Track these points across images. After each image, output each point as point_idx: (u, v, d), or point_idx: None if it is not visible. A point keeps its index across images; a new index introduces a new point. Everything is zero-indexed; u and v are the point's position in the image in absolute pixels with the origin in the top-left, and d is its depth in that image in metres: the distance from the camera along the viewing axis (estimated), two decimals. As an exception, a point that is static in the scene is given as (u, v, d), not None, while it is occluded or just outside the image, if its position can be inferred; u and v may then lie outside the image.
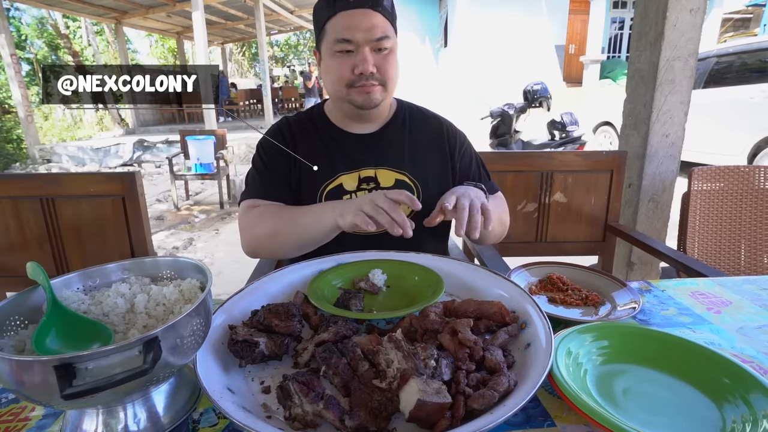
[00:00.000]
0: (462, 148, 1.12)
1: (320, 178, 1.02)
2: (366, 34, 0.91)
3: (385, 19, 0.93)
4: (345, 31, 0.91)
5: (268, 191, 1.03)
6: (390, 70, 0.96)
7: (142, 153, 8.49)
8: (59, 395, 0.41)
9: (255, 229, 0.99)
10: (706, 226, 1.54)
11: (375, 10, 0.91)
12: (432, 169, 1.07)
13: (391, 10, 0.95)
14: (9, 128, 9.92)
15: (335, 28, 0.92)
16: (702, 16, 1.80)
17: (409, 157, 1.06)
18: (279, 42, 27.54)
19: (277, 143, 1.05)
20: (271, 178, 1.04)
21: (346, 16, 0.91)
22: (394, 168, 1.04)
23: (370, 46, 0.92)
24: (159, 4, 9.72)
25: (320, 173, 1.02)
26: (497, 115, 5.61)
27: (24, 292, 0.56)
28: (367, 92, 0.96)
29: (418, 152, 1.07)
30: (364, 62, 0.92)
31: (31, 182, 1.27)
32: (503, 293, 0.75)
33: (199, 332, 0.53)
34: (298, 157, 1.03)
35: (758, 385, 0.54)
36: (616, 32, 11.88)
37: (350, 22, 0.91)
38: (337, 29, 0.92)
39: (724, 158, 4.76)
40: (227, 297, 0.74)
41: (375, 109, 1.00)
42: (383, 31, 0.92)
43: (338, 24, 0.92)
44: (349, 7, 0.91)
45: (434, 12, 13.58)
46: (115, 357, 0.44)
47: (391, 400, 0.51)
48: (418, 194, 1.04)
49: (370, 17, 0.91)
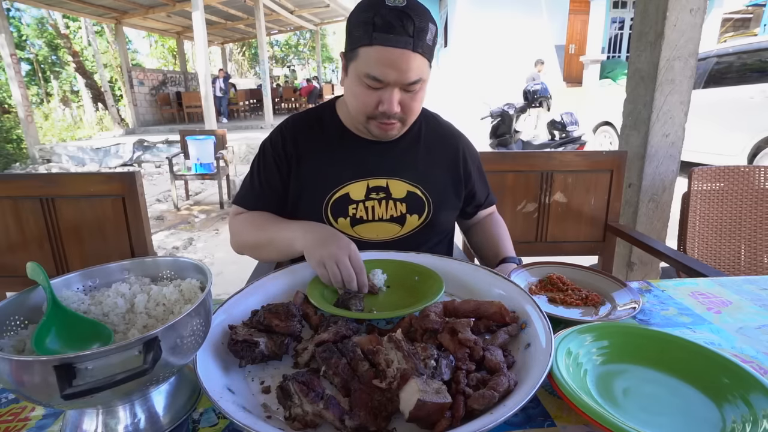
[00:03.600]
0: (476, 169, 1.10)
1: (326, 185, 0.97)
2: (400, 76, 0.83)
3: (424, 58, 0.84)
4: (377, 69, 0.82)
5: (255, 203, 1.03)
6: (415, 107, 0.90)
7: (142, 153, 8.49)
8: (59, 395, 0.41)
9: (239, 236, 1.01)
10: (706, 226, 1.54)
11: (415, 51, 0.81)
12: (444, 186, 1.04)
13: (432, 44, 0.85)
14: (9, 128, 9.93)
15: (368, 59, 0.83)
16: (702, 16, 1.80)
17: (423, 170, 1.01)
18: (279, 42, 27.55)
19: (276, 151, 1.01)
20: (261, 189, 1.02)
21: (382, 52, 0.81)
22: (408, 180, 0.99)
23: (400, 86, 0.85)
24: (159, 4, 9.73)
25: (326, 181, 0.98)
26: (497, 115, 5.62)
27: (24, 292, 0.56)
28: (385, 129, 0.91)
29: (432, 166, 1.02)
30: (390, 103, 0.85)
31: (31, 182, 1.26)
32: (503, 293, 0.75)
33: (199, 332, 0.53)
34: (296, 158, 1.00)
35: (758, 385, 0.54)
36: (616, 32, 11.87)
37: (385, 60, 0.81)
38: (369, 62, 0.83)
39: (724, 158, 4.76)
40: (227, 297, 0.74)
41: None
42: (418, 75, 0.84)
43: (372, 57, 0.82)
44: (388, 44, 0.80)
45: (434, 12, 13.48)
46: (115, 357, 0.44)
47: (391, 400, 0.51)
48: (429, 209, 1.00)
49: (408, 59, 0.81)
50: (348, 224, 0.99)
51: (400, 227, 1.00)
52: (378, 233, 1.00)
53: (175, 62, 17.40)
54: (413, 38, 0.80)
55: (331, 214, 0.98)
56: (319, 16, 13.35)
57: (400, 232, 1.00)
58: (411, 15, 0.80)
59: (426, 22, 0.82)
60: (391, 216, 0.99)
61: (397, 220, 1.00)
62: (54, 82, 17.66)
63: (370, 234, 1.00)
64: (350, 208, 0.98)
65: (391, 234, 1.00)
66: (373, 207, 0.98)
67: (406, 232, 1.01)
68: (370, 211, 0.98)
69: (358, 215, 0.98)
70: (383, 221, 0.99)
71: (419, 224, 1.01)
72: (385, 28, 0.79)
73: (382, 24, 0.79)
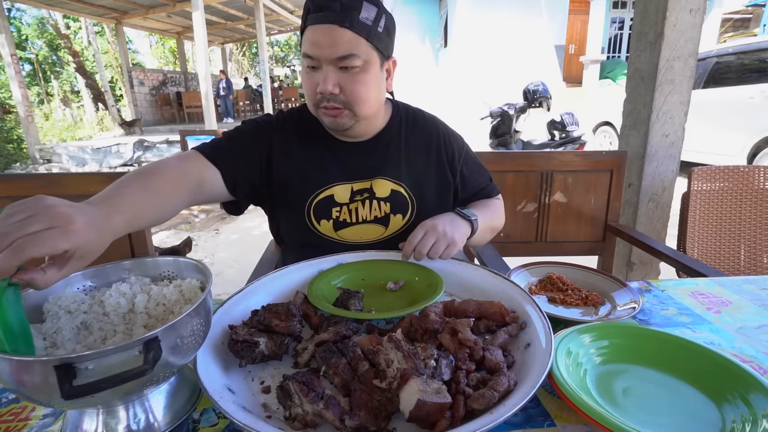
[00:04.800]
0: (462, 154, 1.07)
1: (310, 186, 0.96)
2: (327, 51, 0.83)
3: (357, 35, 0.83)
4: (308, 47, 0.85)
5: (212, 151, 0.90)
6: (358, 90, 0.87)
7: (143, 153, 8.50)
8: (59, 395, 0.41)
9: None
10: (706, 226, 1.54)
11: (342, 26, 0.82)
12: (428, 180, 1.02)
13: (371, 25, 0.85)
14: (9, 128, 9.93)
15: (305, 42, 0.86)
16: (702, 16, 1.80)
17: (406, 168, 1.00)
18: (279, 42, 27.55)
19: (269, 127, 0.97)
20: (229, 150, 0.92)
21: (312, 31, 0.84)
22: (391, 178, 0.99)
23: (333, 64, 0.85)
24: (159, 4, 9.72)
25: (311, 182, 0.96)
26: (497, 115, 5.61)
27: (25, 291, 0.56)
28: (332, 116, 0.89)
29: (414, 162, 1.01)
30: (323, 81, 0.85)
31: (32, 182, 1.27)
32: (503, 293, 0.75)
33: (199, 332, 0.53)
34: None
35: (758, 385, 0.54)
36: (616, 32, 11.87)
37: (314, 37, 0.84)
38: (305, 44, 0.86)
39: (723, 158, 4.76)
40: (227, 297, 0.74)
41: (350, 130, 0.93)
42: (348, 49, 0.83)
43: (307, 38, 0.86)
44: (316, 21, 0.83)
45: (434, 12, 13.58)
46: (116, 357, 0.44)
47: (391, 400, 0.51)
48: (413, 207, 1.00)
49: (335, 34, 0.82)
50: (331, 227, 0.97)
51: (384, 228, 0.99)
52: (362, 235, 0.99)
53: (175, 62, 17.41)
54: (340, 14, 0.82)
55: (314, 216, 0.96)
56: (319, 16, 13.33)
57: (384, 234, 0.99)
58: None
59: (357, 1, 0.84)
60: (375, 217, 0.98)
61: (381, 221, 0.99)
62: (54, 82, 17.68)
63: (354, 237, 0.98)
64: (334, 211, 0.96)
65: (375, 236, 0.99)
66: (357, 208, 0.97)
67: (390, 233, 1.00)
68: (354, 213, 0.97)
69: (342, 218, 0.97)
70: (367, 223, 0.98)
71: (403, 225, 1.00)
72: (315, 8, 0.84)
73: (313, 6, 0.84)
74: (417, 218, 0.98)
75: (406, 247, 0.87)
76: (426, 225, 0.88)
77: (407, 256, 0.87)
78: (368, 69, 0.87)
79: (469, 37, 11.20)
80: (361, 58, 0.85)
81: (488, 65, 11.07)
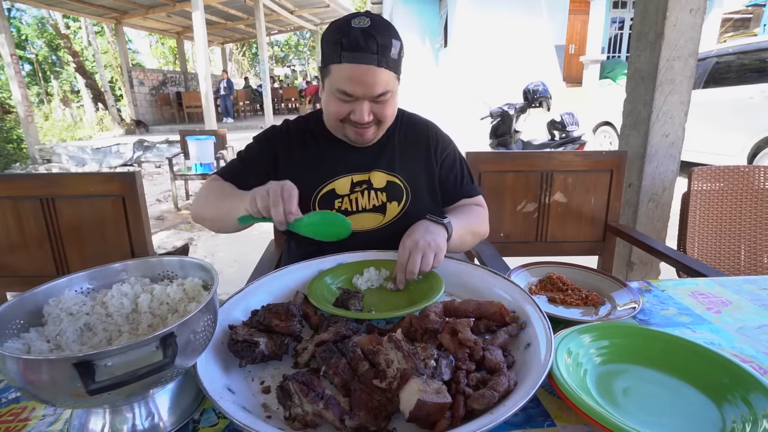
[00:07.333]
0: (444, 151, 1.12)
1: (314, 182, 1.03)
2: (367, 90, 0.90)
3: (390, 71, 0.91)
4: (346, 84, 0.90)
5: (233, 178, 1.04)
6: (387, 112, 0.97)
7: (143, 153, 8.49)
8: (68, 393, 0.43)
9: (203, 199, 1.02)
10: (706, 226, 1.54)
11: (379, 66, 0.88)
12: (420, 173, 1.10)
13: (397, 58, 0.92)
14: (9, 128, 9.92)
15: (338, 75, 0.90)
16: (702, 16, 1.80)
17: (400, 161, 1.08)
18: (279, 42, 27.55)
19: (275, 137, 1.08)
20: (244, 171, 1.06)
21: (350, 69, 0.88)
22: (386, 170, 1.06)
23: (370, 99, 0.92)
24: (159, 4, 9.73)
25: (314, 178, 1.03)
26: (497, 115, 5.61)
27: (22, 294, 0.57)
28: (361, 134, 0.98)
29: (408, 157, 1.09)
30: (360, 114, 0.93)
31: (31, 182, 1.27)
32: (503, 293, 0.75)
33: (209, 329, 0.54)
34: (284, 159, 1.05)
35: (758, 385, 0.54)
36: (616, 32, 11.87)
37: (353, 76, 0.88)
38: (339, 78, 0.90)
39: (723, 158, 4.76)
40: (227, 297, 0.74)
41: None
42: (385, 87, 0.91)
43: (341, 73, 0.89)
44: (354, 61, 0.87)
45: (434, 12, 13.58)
46: (133, 353, 0.45)
47: (391, 400, 0.51)
48: (408, 196, 1.06)
49: (374, 74, 0.88)
50: None
51: (383, 216, 1.06)
52: (362, 224, 1.05)
53: (175, 62, 17.40)
54: (377, 55, 0.88)
55: (319, 208, 1.03)
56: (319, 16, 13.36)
57: (382, 222, 1.06)
58: (374, 34, 0.87)
59: (389, 39, 0.89)
60: (374, 206, 1.05)
61: (379, 209, 1.06)
62: (54, 82, 17.67)
63: (355, 225, 1.02)
64: (336, 202, 1.04)
65: (375, 224, 1.06)
66: (357, 198, 1.05)
67: (387, 221, 1.06)
68: (354, 203, 1.05)
69: (344, 207, 1.04)
70: (366, 211, 1.05)
71: (399, 211, 1.06)
72: (351, 47, 0.87)
73: (348, 43, 0.87)
74: (411, 204, 1.06)
75: (397, 274, 0.84)
76: (406, 245, 0.86)
77: (402, 283, 0.84)
78: (395, 94, 0.97)
79: (469, 37, 11.20)
80: (392, 91, 0.94)
81: (488, 65, 11.07)
